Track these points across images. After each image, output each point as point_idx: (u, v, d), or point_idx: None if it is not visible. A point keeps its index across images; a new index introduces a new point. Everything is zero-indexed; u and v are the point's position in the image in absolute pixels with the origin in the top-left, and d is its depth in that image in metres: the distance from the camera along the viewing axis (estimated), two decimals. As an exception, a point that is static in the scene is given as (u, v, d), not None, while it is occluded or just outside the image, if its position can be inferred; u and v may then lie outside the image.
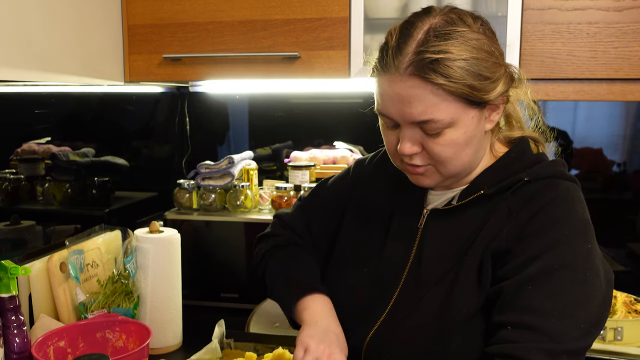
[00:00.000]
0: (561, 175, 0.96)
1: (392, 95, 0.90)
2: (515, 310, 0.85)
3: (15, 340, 1.16)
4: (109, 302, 1.38)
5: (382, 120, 0.97)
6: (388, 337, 0.97)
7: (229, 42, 1.55)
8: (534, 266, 0.86)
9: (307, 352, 0.94)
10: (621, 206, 1.86)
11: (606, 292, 0.89)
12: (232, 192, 1.80)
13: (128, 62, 1.61)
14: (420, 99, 0.87)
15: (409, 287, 0.98)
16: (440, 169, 0.94)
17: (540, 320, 0.83)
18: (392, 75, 0.89)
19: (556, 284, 0.85)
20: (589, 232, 0.91)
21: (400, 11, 1.49)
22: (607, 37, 1.36)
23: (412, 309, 0.96)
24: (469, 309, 0.91)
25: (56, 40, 1.31)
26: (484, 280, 0.91)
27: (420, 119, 0.89)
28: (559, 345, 0.82)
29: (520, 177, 0.95)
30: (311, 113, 2.05)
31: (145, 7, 1.58)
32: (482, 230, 0.94)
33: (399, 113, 0.90)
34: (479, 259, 0.92)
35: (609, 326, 1.40)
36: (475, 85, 0.87)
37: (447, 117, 0.88)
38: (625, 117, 1.84)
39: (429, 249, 0.99)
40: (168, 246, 1.43)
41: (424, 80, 0.86)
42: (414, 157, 0.94)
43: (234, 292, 1.77)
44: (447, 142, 0.90)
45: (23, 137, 1.60)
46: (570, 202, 0.92)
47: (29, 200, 1.63)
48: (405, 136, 0.92)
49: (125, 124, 2.04)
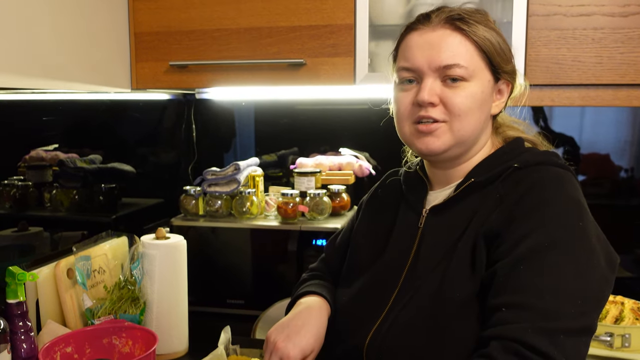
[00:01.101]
0: (550, 162, 0.97)
1: (421, 44, 0.98)
2: (509, 291, 0.85)
3: (23, 346, 1.17)
4: (115, 308, 1.38)
5: (402, 76, 1.02)
6: (387, 330, 0.98)
7: (234, 50, 1.56)
8: (524, 245, 0.87)
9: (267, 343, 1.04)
10: (629, 212, 1.85)
11: (606, 272, 0.88)
12: (238, 198, 1.80)
13: (135, 70, 1.62)
14: (449, 46, 0.97)
15: (407, 282, 1.00)
16: (455, 126, 0.98)
17: (533, 299, 0.83)
18: (422, 29, 0.99)
19: (548, 261, 0.85)
20: (582, 211, 0.90)
21: (405, 17, 1.50)
22: (613, 42, 1.36)
23: (409, 301, 0.97)
24: (464, 294, 0.91)
25: (64, 48, 1.32)
26: (477, 265, 0.92)
27: (446, 62, 0.96)
28: (555, 323, 0.81)
29: (510, 164, 0.97)
30: (317, 119, 2.06)
31: (151, 15, 1.59)
32: (475, 217, 0.95)
33: (426, 59, 0.97)
34: (471, 245, 0.93)
35: (616, 333, 1.39)
36: (496, 47, 0.99)
37: (470, 66, 0.97)
38: (632, 122, 1.83)
39: (426, 244, 1.01)
40: (174, 252, 1.44)
41: (453, 30, 0.97)
42: (430, 109, 0.97)
43: (239, 298, 1.78)
44: (466, 94, 0.97)
45: (31, 144, 1.61)
46: (559, 183, 0.93)
47: (36, 206, 1.64)
48: (426, 85, 0.97)
49: (132, 130, 2.05)
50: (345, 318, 1.07)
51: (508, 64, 1.03)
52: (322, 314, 1.09)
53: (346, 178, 1.88)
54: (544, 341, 0.79)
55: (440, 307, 0.93)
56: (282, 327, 1.05)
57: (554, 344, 0.79)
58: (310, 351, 1.03)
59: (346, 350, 1.04)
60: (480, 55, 0.98)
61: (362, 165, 1.92)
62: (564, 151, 1.89)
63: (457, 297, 0.92)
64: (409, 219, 1.08)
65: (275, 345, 1.01)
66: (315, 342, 1.04)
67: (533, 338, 0.79)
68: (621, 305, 1.51)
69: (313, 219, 1.77)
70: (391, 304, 1.00)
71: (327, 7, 1.48)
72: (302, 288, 1.20)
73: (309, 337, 1.03)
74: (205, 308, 1.79)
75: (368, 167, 1.93)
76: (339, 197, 1.82)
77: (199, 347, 1.46)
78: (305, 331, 1.04)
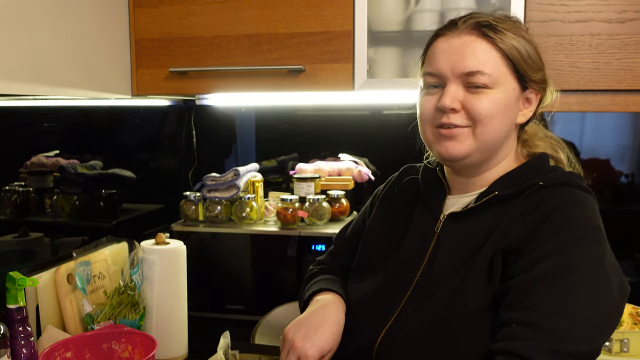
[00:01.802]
0: (576, 184, 0.97)
1: (446, 49, 0.98)
2: (521, 308, 0.85)
3: (23, 351, 1.17)
4: (115, 314, 1.38)
5: (426, 81, 1.02)
6: (398, 333, 0.97)
7: (234, 56, 1.57)
8: (543, 266, 0.86)
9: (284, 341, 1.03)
10: (629, 217, 1.86)
11: (618, 302, 0.88)
12: (237, 204, 1.81)
13: (135, 76, 1.63)
14: (474, 52, 0.96)
15: (421, 286, 1.00)
16: (477, 131, 0.97)
17: (546, 319, 0.83)
18: (448, 35, 0.99)
19: (564, 285, 0.85)
20: (601, 238, 0.90)
21: (403, 24, 1.51)
22: (610, 48, 1.37)
23: (423, 305, 0.97)
24: (477, 306, 0.91)
25: (64, 54, 1.33)
26: (493, 278, 0.91)
27: (470, 69, 0.96)
28: (564, 346, 0.81)
29: (535, 181, 0.96)
30: (317, 125, 2.07)
31: (152, 22, 1.61)
32: (495, 230, 0.95)
33: (450, 65, 0.97)
34: (489, 257, 0.93)
35: (615, 338, 1.39)
36: (524, 55, 0.98)
37: (494, 73, 0.96)
38: (633, 127, 1.84)
39: (443, 250, 1.01)
40: (174, 258, 1.44)
41: (479, 37, 0.97)
42: (451, 116, 0.97)
43: (239, 304, 1.78)
44: (489, 100, 0.96)
45: (32, 150, 1.62)
46: (583, 208, 0.93)
47: (37, 212, 1.64)
48: (448, 91, 0.97)
49: (132, 137, 2.06)
50: (356, 316, 1.07)
51: (537, 72, 1.01)
52: (339, 312, 1.08)
53: (345, 184, 1.89)
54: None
55: (453, 316, 0.93)
56: (300, 325, 1.04)
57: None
58: (329, 350, 1.02)
59: (356, 348, 1.04)
60: (506, 62, 0.97)
61: (361, 170, 1.92)
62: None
63: (471, 308, 0.92)
64: (425, 221, 1.07)
65: (294, 344, 1.00)
66: (334, 341, 1.03)
67: (539, 357, 0.80)
68: (620, 310, 1.51)
69: (312, 225, 1.78)
70: (403, 305, 1.00)
71: (326, 14, 1.49)
72: (313, 284, 1.19)
73: (328, 335, 1.02)
74: (205, 313, 1.79)
75: (367, 172, 1.94)
76: (338, 203, 1.83)
77: (198, 352, 1.46)
78: (323, 330, 1.03)
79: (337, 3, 1.48)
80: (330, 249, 1.30)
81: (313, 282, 1.20)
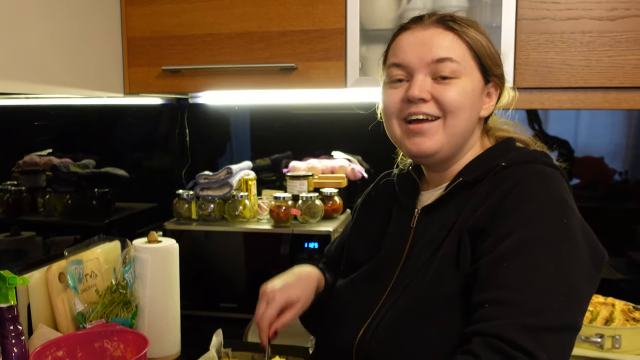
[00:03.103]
0: (539, 160, 0.98)
1: (412, 42, 0.99)
2: (492, 287, 0.85)
3: (14, 350, 1.17)
4: (107, 312, 1.38)
5: (391, 74, 1.02)
6: (376, 329, 0.98)
7: (226, 54, 1.57)
8: (507, 243, 0.87)
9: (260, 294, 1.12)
10: (623, 215, 1.86)
11: (590, 269, 0.88)
12: (230, 202, 1.81)
13: (128, 75, 1.63)
14: (441, 42, 0.98)
15: (399, 281, 1.01)
16: (448, 123, 0.98)
17: (516, 295, 0.83)
18: (414, 28, 1.01)
19: (531, 258, 0.85)
20: (566, 208, 0.90)
21: (395, 22, 1.51)
22: (601, 46, 1.37)
23: (398, 298, 0.98)
24: (448, 291, 0.92)
25: (56, 53, 1.33)
26: (462, 262, 0.92)
27: (440, 55, 0.97)
28: (537, 320, 0.81)
29: (497, 163, 0.98)
30: (310, 124, 2.07)
31: (144, 20, 1.60)
32: (461, 215, 0.96)
33: (417, 55, 0.98)
34: (457, 242, 0.94)
35: (607, 334, 1.40)
36: (487, 49, 1.01)
37: (462, 62, 0.98)
38: (627, 125, 1.84)
39: (418, 244, 1.02)
40: (166, 256, 1.44)
41: (445, 29, 0.99)
42: (422, 105, 0.98)
43: (232, 302, 1.78)
44: (458, 89, 0.97)
45: (25, 150, 1.61)
46: (544, 181, 0.93)
47: (30, 211, 1.64)
48: (416, 82, 0.98)
49: (125, 135, 2.06)
50: (339, 315, 1.09)
51: (498, 68, 1.04)
52: (312, 275, 1.16)
53: (339, 181, 1.89)
54: (526, 337, 0.79)
55: (424, 304, 0.94)
56: (274, 279, 1.13)
57: (536, 340, 0.79)
58: (297, 300, 1.10)
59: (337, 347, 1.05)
60: (471, 54, 1.00)
61: (354, 168, 1.93)
62: (558, 154, 1.90)
63: (441, 294, 0.93)
64: (402, 219, 1.09)
65: (264, 292, 1.10)
66: (302, 294, 1.11)
67: (515, 334, 0.80)
68: (612, 306, 1.51)
69: (305, 222, 1.78)
70: (382, 302, 1.01)
71: (318, 12, 1.49)
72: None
73: (296, 287, 1.11)
74: (198, 312, 1.79)
75: (360, 170, 1.94)
76: (331, 201, 1.83)
77: (191, 350, 1.46)
78: (293, 283, 1.12)
79: (329, 1, 1.48)
80: (319, 265, 1.32)
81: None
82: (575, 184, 1.88)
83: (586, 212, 0.96)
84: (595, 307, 1.51)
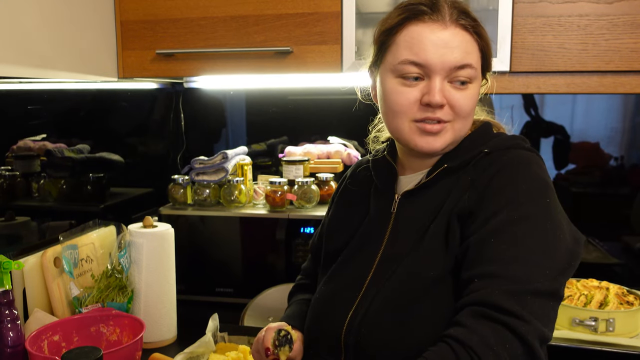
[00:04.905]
0: (519, 146, 1.00)
1: (435, 41, 0.96)
2: (480, 263, 0.88)
3: (10, 334, 1.17)
4: (103, 297, 1.38)
5: (406, 70, 0.98)
6: (363, 316, 0.99)
7: (221, 38, 1.55)
8: (495, 220, 0.90)
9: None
10: (618, 201, 1.86)
11: (572, 246, 0.91)
12: (226, 187, 1.81)
13: (121, 58, 1.62)
14: (462, 46, 0.96)
15: (382, 266, 1.01)
16: (457, 126, 0.99)
17: (503, 267, 0.85)
18: (432, 23, 0.96)
19: (517, 233, 0.88)
20: (548, 189, 0.94)
21: (391, 5, 1.49)
22: (598, 29, 1.36)
23: (385, 283, 0.99)
24: (438, 272, 0.94)
25: (49, 36, 1.31)
26: (450, 243, 0.94)
27: (461, 62, 0.96)
28: (522, 286, 0.83)
29: (481, 149, 0.99)
30: (306, 108, 2.06)
31: (138, 3, 1.58)
32: (447, 200, 0.98)
33: (440, 59, 0.95)
34: (445, 225, 0.96)
35: (601, 317, 1.41)
36: (491, 48, 1.02)
37: (477, 66, 0.98)
38: (623, 110, 1.84)
39: (400, 228, 1.03)
40: (161, 241, 1.44)
41: (465, 30, 0.97)
42: (437, 111, 0.97)
43: (228, 287, 1.78)
44: (471, 96, 0.98)
45: (19, 134, 1.60)
46: (526, 164, 0.96)
47: (24, 196, 1.63)
48: (436, 86, 0.96)
49: (120, 120, 2.04)
50: (323, 308, 1.08)
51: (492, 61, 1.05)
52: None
53: (334, 166, 1.89)
54: (510, 301, 0.82)
55: (414, 286, 0.95)
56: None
57: (521, 303, 0.82)
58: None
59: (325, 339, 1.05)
60: (481, 56, 1.00)
61: (350, 153, 1.92)
62: (554, 140, 1.89)
63: (431, 275, 0.94)
64: (381, 204, 1.08)
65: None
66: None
67: (499, 299, 0.82)
68: (606, 290, 1.52)
69: (301, 207, 1.78)
70: (365, 288, 1.01)
71: (313, -5, 1.48)
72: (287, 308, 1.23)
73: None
74: (194, 297, 1.80)
75: (356, 155, 1.93)
76: (327, 185, 1.82)
77: (187, 335, 1.47)
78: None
79: (324, -16, 1.47)
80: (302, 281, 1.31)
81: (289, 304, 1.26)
82: (571, 169, 1.88)
83: (582, 197, 0.97)
84: (590, 290, 1.52)
